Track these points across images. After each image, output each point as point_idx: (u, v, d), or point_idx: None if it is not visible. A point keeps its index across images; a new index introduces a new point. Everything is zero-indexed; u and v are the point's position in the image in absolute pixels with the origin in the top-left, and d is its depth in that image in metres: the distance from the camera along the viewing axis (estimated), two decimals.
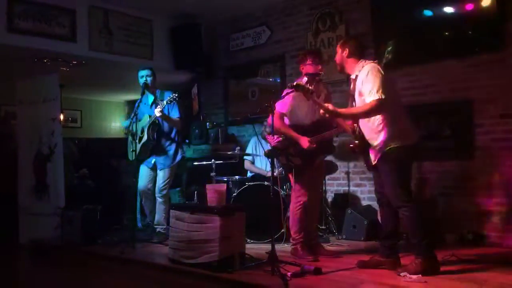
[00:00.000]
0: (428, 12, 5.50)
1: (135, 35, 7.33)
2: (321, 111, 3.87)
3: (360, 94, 3.84)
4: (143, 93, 5.53)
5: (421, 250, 3.72)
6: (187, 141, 7.34)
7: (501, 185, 5.07)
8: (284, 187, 5.50)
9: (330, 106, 3.81)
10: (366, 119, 3.86)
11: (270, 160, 4.27)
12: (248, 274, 3.88)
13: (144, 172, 5.67)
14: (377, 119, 3.80)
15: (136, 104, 5.53)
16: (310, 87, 3.93)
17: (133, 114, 5.42)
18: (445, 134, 5.45)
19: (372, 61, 3.94)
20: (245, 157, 6.25)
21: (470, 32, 5.26)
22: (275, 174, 4.13)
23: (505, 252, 4.75)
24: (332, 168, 5.97)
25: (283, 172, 5.15)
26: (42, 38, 6.39)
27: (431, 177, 5.50)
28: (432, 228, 3.94)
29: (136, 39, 7.35)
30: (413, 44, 5.62)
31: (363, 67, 3.86)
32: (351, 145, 4.08)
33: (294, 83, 3.95)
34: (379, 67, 3.82)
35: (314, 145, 4.40)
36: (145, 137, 5.47)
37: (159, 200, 5.60)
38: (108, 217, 6.20)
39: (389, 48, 5.75)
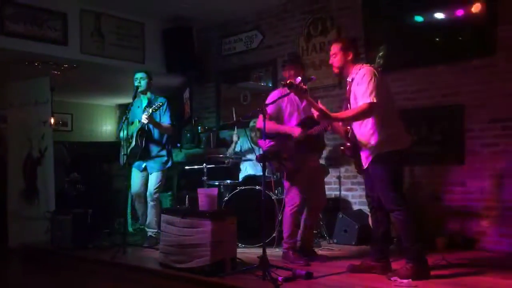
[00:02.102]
0: (419, 18, 5.53)
1: (126, 38, 7.31)
2: (314, 112, 3.86)
3: (355, 97, 3.85)
4: (134, 97, 5.52)
5: (413, 255, 3.73)
6: (178, 145, 7.32)
7: (491, 190, 5.11)
8: (276, 191, 5.49)
9: (323, 108, 3.80)
10: (359, 122, 3.87)
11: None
12: (240, 278, 3.87)
13: (135, 175, 5.65)
14: (370, 122, 3.81)
15: (128, 108, 5.51)
16: (304, 87, 3.92)
17: (124, 118, 5.40)
18: (435, 138, 5.47)
19: (368, 65, 3.94)
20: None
21: (460, 38, 5.28)
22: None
23: (495, 256, 4.78)
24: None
25: (275, 175, 5.13)
26: (33, 41, 6.37)
27: (422, 181, 5.53)
28: (422, 232, 3.94)
29: (128, 42, 7.34)
30: (404, 49, 5.64)
31: (359, 70, 3.87)
32: (341, 147, 4.08)
33: (288, 81, 3.92)
34: (375, 70, 3.83)
35: (305, 133, 4.38)
36: (133, 143, 5.46)
37: (150, 203, 5.58)
38: (99, 221, 6.16)
39: (380, 53, 5.78)
